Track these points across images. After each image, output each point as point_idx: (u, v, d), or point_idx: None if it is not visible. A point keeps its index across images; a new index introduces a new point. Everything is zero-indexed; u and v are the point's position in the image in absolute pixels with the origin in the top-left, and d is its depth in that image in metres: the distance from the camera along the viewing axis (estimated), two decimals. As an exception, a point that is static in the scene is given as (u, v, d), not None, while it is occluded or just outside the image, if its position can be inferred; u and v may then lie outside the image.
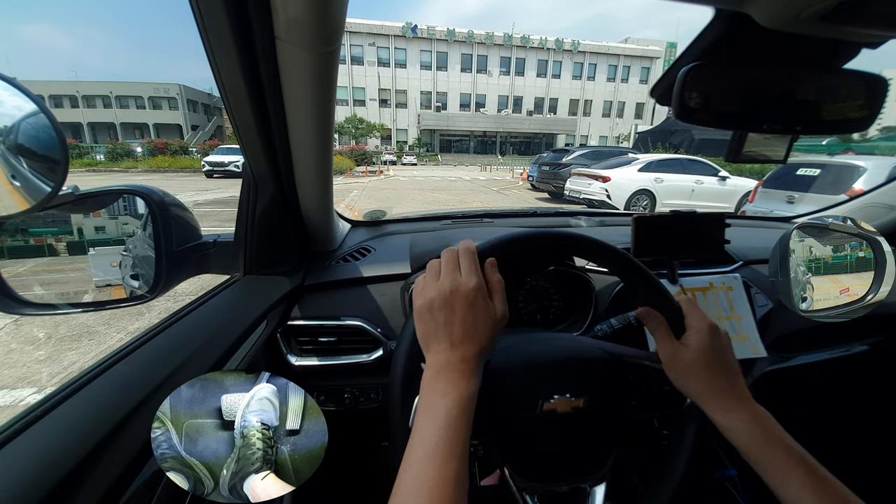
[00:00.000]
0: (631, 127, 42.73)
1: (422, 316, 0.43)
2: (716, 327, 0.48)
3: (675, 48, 45.44)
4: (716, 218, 0.89)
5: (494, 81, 44.78)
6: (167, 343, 0.54)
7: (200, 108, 45.20)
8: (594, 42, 45.79)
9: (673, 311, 0.50)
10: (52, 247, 0.55)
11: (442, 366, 0.40)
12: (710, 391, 0.45)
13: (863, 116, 0.41)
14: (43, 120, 0.38)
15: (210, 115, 46.43)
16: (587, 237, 0.51)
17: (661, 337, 0.49)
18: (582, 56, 45.21)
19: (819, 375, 1.03)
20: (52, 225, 0.56)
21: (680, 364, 0.47)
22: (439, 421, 0.37)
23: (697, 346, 0.47)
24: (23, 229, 0.53)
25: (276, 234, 0.78)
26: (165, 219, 0.65)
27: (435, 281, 0.44)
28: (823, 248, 0.93)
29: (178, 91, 40.88)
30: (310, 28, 0.46)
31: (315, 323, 0.79)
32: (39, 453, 0.34)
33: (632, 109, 47.63)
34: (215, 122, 44.66)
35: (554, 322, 0.91)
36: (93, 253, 0.59)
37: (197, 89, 44.78)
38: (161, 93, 40.90)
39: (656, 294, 0.51)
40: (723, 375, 0.46)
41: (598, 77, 46.33)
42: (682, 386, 0.48)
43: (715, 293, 0.90)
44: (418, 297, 0.44)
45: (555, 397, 0.50)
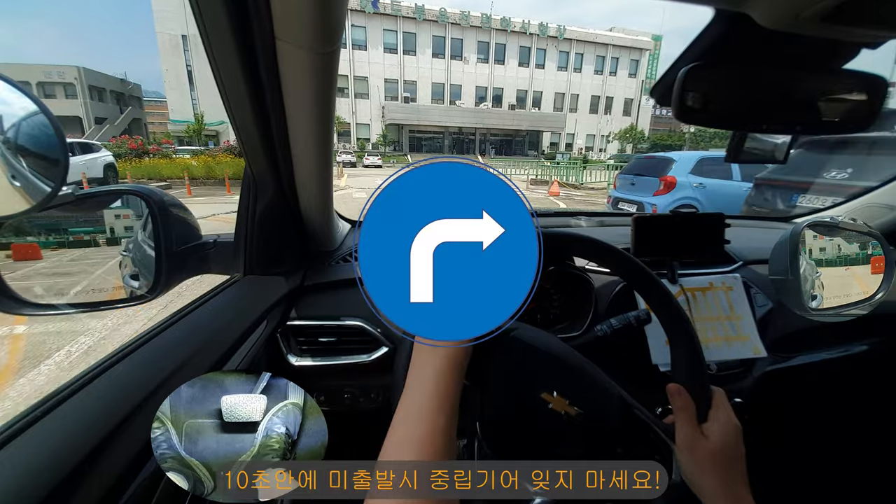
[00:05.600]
0: (620, 125, 40.00)
1: None
2: (741, 430, 0.47)
3: (660, 41, 42.61)
4: (716, 218, 0.89)
5: (471, 70, 37.78)
6: (167, 343, 0.54)
7: (110, 97, 36.71)
8: (581, 29, 39.68)
9: (705, 398, 0.49)
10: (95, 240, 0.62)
11: None
12: (723, 493, 0.43)
13: (862, 116, 0.41)
14: (43, 120, 0.38)
15: (124, 104, 38.07)
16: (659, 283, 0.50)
17: (684, 421, 0.47)
18: (568, 44, 39.14)
19: (818, 375, 1.03)
20: (86, 225, 0.61)
21: (698, 455, 0.45)
22: (429, 376, 0.37)
23: (720, 441, 0.45)
24: (64, 228, 0.58)
25: (276, 235, 0.78)
26: (165, 219, 0.65)
27: None
28: (835, 245, 0.93)
29: (76, 75, 32.99)
30: (310, 28, 0.46)
31: (315, 323, 0.79)
32: (39, 453, 0.34)
33: (620, 105, 42.49)
34: (130, 114, 36.69)
35: (554, 322, 0.91)
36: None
37: (106, 74, 36.61)
38: (54, 77, 32.45)
39: (696, 371, 0.49)
40: (736, 480, 0.44)
41: (585, 69, 40.43)
42: (693, 477, 0.45)
43: (715, 293, 0.90)
44: None
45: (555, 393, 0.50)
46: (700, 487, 0.45)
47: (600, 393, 0.52)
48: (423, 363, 0.38)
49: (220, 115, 27.11)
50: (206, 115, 28.62)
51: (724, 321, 0.88)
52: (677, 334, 0.51)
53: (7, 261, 0.53)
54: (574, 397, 0.50)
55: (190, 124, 27.88)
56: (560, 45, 38.94)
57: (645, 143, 40.71)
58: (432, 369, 0.38)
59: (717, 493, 0.44)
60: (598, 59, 40.82)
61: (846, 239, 0.92)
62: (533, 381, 0.50)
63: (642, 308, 0.68)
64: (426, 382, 0.37)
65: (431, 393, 0.36)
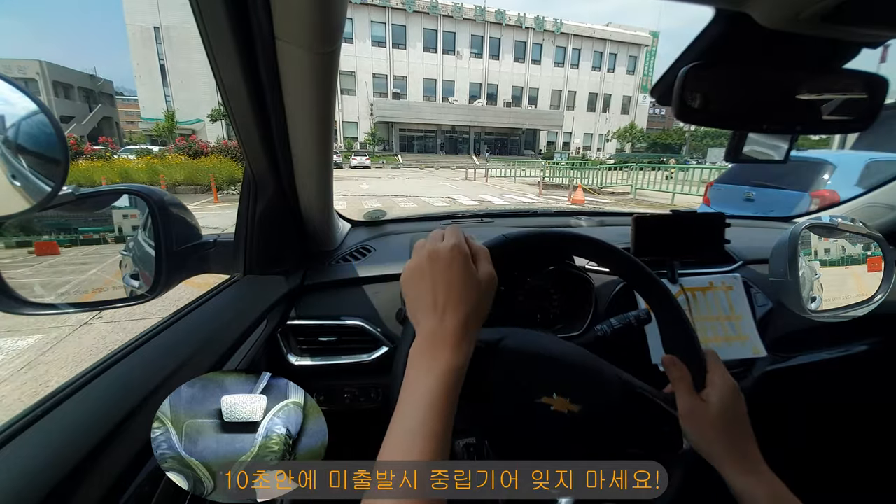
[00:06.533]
0: (620, 124, 38.46)
1: (405, 288, 0.43)
2: (738, 388, 0.47)
3: (657, 37, 41.54)
4: (716, 218, 0.89)
5: (465, 65, 36.01)
6: (167, 343, 0.54)
7: (78, 94, 35.28)
8: (578, 23, 38.13)
9: (698, 362, 0.49)
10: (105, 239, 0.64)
11: (427, 337, 0.39)
12: (729, 454, 0.44)
13: (863, 116, 0.41)
14: (43, 120, 0.38)
15: (93, 102, 36.43)
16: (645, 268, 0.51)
17: (682, 391, 0.48)
18: (565, 39, 37.89)
19: (818, 375, 1.03)
20: (95, 224, 0.64)
21: (700, 421, 0.46)
22: (421, 399, 0.36)
23: (719, 405, 0.46)
24: (74, 228, 0.61)
25: (276, 234, 0.78)
26: (166, 218, 0.65)
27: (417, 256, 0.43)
28: (833, 247, 0.93)
29: (38, 70, 31.42)
30: (310, 28, 0.46)
31: (315, 323, 0.79)
32: (39, 453, 0.34)
33: (618, 103, 41.42)
34: (100, 112, 34.84)
35: (554, 322, 0.91)
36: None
37: (73, 69, 35.33)
38: (14, 72, 29.63)
39: (686, 340, 0.50)
40: (741, 438, 0.45)
41: (583, 65, 39.19)
42: (699, 443, 0.46)
43: (715, 293, 0.90)
44: (403, 278, 0.43)
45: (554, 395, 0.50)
46: (708, 454, 0.45)
47: (600, 383, 0.52)
48: (417, 383, 0.37)
49: (197, 112, 25.02)
50: (180, 112, 26.59)
51: (723, 321, 0.88)
52: (665, 311, 0.52)
53: (30, 256, 0.56)
54: (575, 394, 0.50)
55: (159, 122, 25.58)
56: (557, 39, 37.68)
57: (643, 142, 39.98)
58: (426, 390, 0.36)
59: (724, 457, 0.44)
60: (595, 54, 39.53)
61: (846, 241, 0.92)
62: (530, 387, 0.49)
63: (642, 308, 0.68)
64: (419, 407, 0.35)
65: (425, 417, 0.35)
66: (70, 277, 0.60)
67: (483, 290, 0.41)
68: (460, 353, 0.38)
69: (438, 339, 0.38)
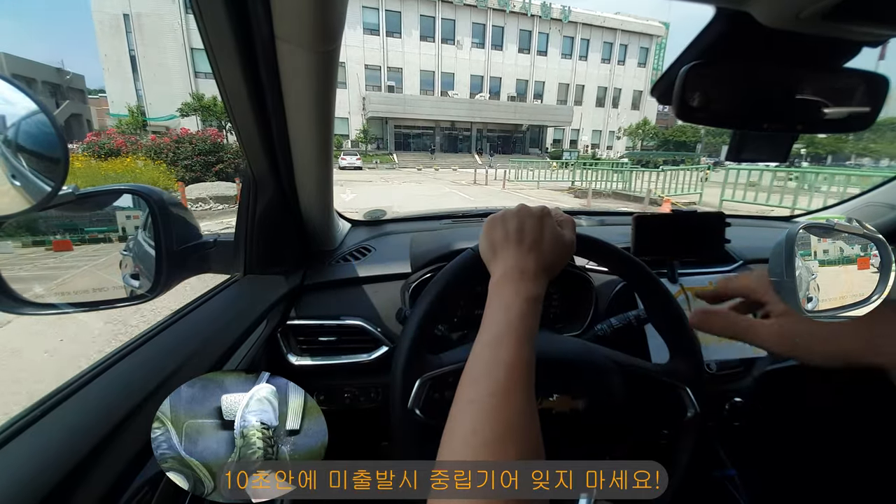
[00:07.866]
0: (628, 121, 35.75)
1: (493, 224, 0.45)
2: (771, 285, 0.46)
3: (668, 28, 38.05)
4: (716, 217, 0.89)
5: (465, 56, 32.35)
6: (167, 343, 0.54)
7: (43, 89, 31.59)
8: (587, 11, 34.02)
9: (686, 329, 0.53)
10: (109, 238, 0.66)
11: (510, 268, 0.42)
12: (843, 331, 0.43)
13: (863, 115, 0.41)
14: (43, 119, 0.38)
15: (61, 98, 32.70)
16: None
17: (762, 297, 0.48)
18: (573, 28, 34.15)
19: (818, 375, 1.03)
20: (99, 224, 0.65)
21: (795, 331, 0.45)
22: (510, 310, 0.38)
23: (784, 309, 0.45)
24: (81, 228, 0.63)
25: (276, 234, 0.78)
26: (166, 218, 0.65)
27: None
28: (830, 248, 0.92)
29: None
30: (310, 28, 0.46)
31: (315, 322, 0.79)
32: (39, 453, 0.34)
33: (629, 98, 37.91)
34: (68, 109, 30.96)
35: (554, 321, 0.91)
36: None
37: (36, 62, 31.78)
38: None
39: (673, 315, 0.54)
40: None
41: (592, 57, 35.53)
42: (824, 348, 0.44)
43: (715, 293, 0.89)
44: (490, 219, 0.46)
45: (554, 396, 0.50)
46: (841, 349, 0.44)
47: (599, 375, 0.52)
48: (505, 300, 0.39)
49: (171, 108, 20.56)
50: (151, 107, 23.50)
51: (724, 321, 0.87)
52: (652, 294, 0.55)
53: (47, 253, 0.58)
54: (576, 391, 0.50)
55: (122, 118, 20.93)
56: (564, 28, 33.86)
57: (655, 139, 37.17)
58: (515, 305, 0.38)
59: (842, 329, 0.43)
60: (605, 45, 35.78)
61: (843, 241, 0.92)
62: None
63: (642, 308, 0.68)
64: (510, 316, 0.37)
65: (514, 324, 0.37)
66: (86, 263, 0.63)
67: (563, 252, 0.45)
68: (540, 284, 0.42)
69: (523, 271, 0.41)
